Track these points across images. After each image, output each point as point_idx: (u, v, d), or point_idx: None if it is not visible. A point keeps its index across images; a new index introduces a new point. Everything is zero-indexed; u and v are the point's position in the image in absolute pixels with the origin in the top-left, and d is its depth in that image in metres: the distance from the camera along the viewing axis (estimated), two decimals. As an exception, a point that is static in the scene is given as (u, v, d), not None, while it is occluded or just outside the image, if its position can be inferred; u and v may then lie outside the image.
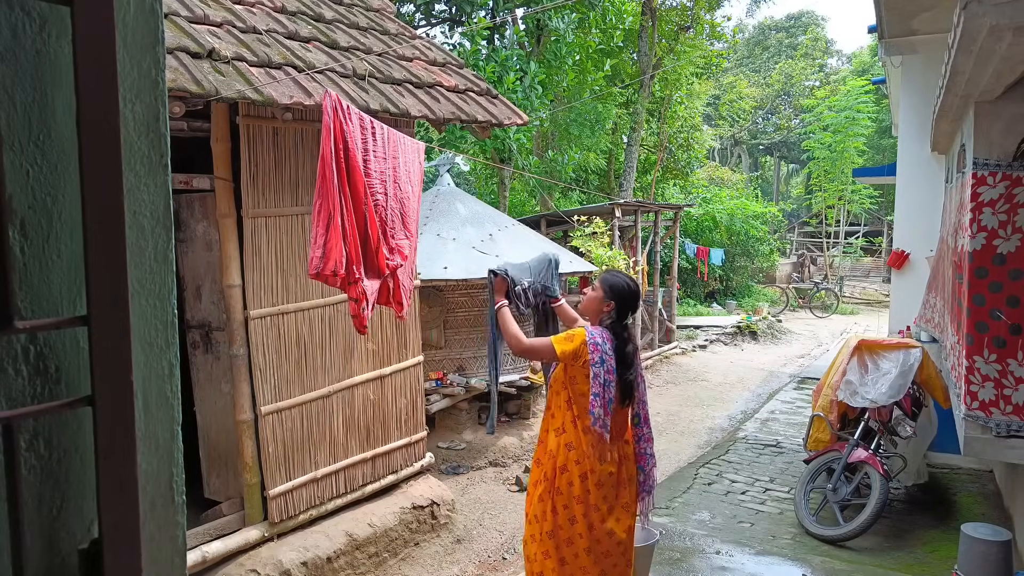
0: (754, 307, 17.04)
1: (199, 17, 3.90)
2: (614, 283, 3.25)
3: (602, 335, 3.15)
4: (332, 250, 3.13)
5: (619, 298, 3.21)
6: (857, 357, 5.25)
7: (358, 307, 3.29)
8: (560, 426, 3.22)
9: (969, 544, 3.55)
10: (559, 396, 3.25)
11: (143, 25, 0.83)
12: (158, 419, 0.87)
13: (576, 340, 3.12)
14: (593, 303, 3.28)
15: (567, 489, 3.16)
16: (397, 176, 3.65)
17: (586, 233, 9.27)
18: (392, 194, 3.59)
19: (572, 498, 3.16)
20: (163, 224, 0.87)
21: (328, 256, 3.13)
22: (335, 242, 3.14)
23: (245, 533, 4.24)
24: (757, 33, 38.92)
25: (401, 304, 3.67)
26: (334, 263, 3.13)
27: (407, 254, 3.63)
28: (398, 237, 3.60)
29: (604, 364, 3.07)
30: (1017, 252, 3.53)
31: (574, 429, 3.17)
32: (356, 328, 3.34)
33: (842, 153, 20.80)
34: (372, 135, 3.48)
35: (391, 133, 3.64)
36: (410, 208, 3.77)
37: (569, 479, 3.15)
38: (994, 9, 2.48)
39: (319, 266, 3.13)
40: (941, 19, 5.78)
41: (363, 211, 3.32)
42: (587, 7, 12.49)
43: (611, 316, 3.23)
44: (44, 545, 0.77)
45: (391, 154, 3.62)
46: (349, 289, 3.26)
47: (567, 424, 3.19)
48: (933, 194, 6.40)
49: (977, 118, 3.66)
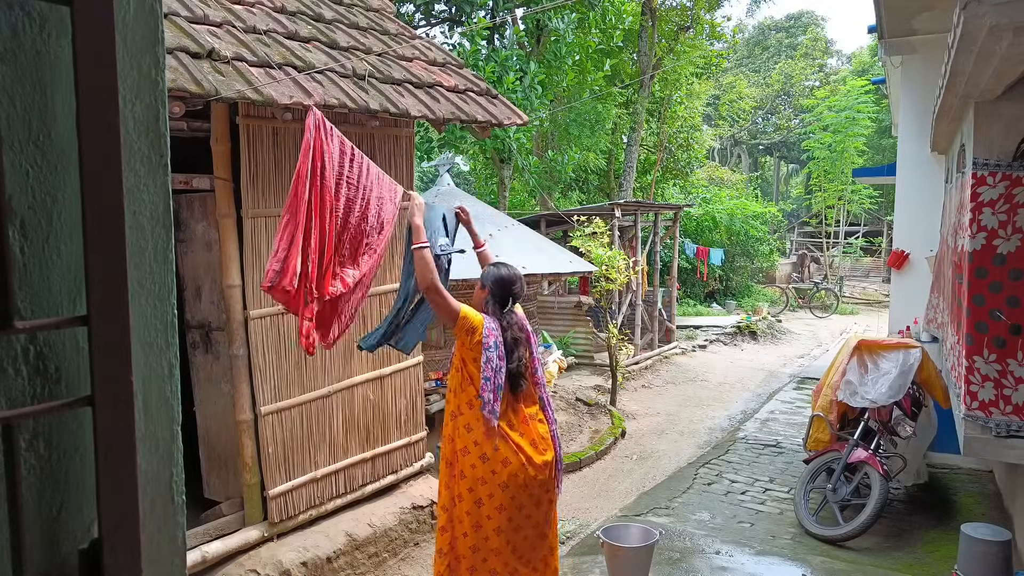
0: (754, 307, 17.05)
1: (199, 17, 3.90)
2: (489, 273, 3.44)
3: (495, 323, 3.30)
4: (290, 267, 3.13)
5: (494, 285, 3.38)
6: (857, 357, 5.25)
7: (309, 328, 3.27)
8: (455, 409, 3.32)
9: (969, 544, 3.55)
10: (453, 379, 3.35)
11: (143, 25, 0.83)
12: (158, 419, 0.87)
13: (477, 320, 3.26)
14: (476, 295, 3.46)
15: (470, 472, 3.23)
16: (367, 209, 3.54)
17: (586, 233, 9.27)
18: (355, 224, 3.51)
19: (475, 480, 3.22)
20: (163, 224, 0.87)
21: (285, 271, 3.13)
22: (293, 260, 3.14)
23: (245, 533, 4.24)
24: (757, 33, 38.93)
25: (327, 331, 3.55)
26: (289, 279, 3.13)
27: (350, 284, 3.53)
28: (346, 266, 3.53)
29: (496, 349, 3.21)
30: (1017, 252, 3.53)
31: (470, 411, 3.26)
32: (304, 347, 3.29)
33: (842, 153, 20.80)
34: (350, 161, 3.44)
35: (370, 165, 3.59)
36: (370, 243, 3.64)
37: (471, 462, 3.23)
38: (994, 9, 2.48)
39: (275, 280, 3.12)
40: (941, 19, 5.78)
41: (324, 231, 3.30)
42: (587, 7, 12.49)
43: (489, 303, 3.37)
44: (44, 545, 0.77)
45: (363, 184, 3.54)
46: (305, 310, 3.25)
47: (463, 407, 3.29)
48: (933, 194, 6.40)
49: (977, 118, 3.65)
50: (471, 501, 3.23)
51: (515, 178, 14.57)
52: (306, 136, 3.18)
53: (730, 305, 17.55)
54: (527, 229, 8.87)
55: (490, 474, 3.20)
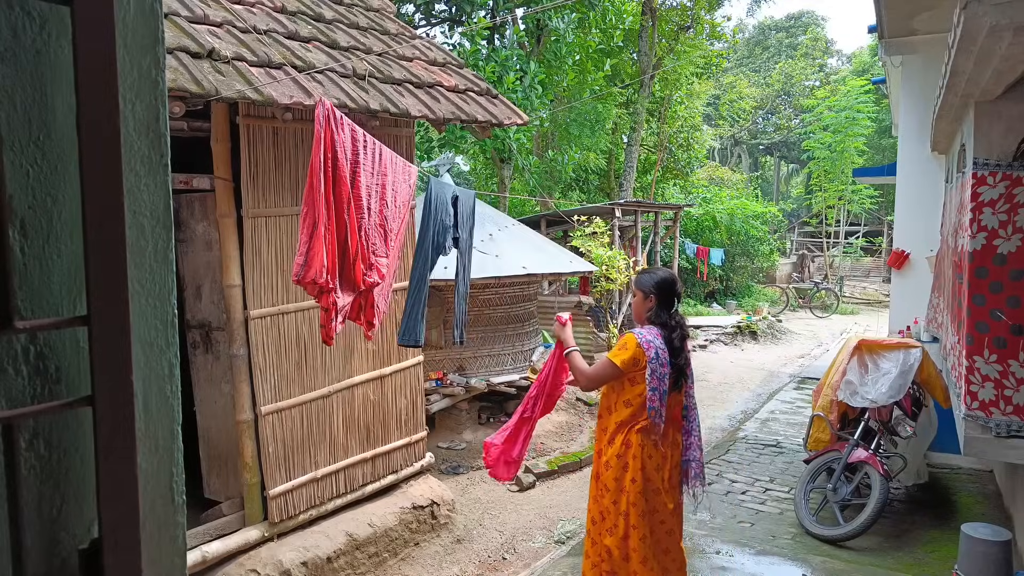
0: (754, 307, 17.04)
1: (199, 17, 3.90)
2: (647, 279, 3.41)
3: (651, 332, 3.29)
4: (315, 258, 3.15)
5: (657, 290, 3.36)
6: (857, 357, 5.24)
7: (327, 317, 3.30)
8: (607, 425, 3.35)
9: (969, 544, 3.55)
10: (609, 398, 3.37)
11: (143, 25, 0.83)
12: (158, 419, 0.87)
13: (630, 346, 3.25)
14: (638, 307, 3.43)
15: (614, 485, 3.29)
16: (384, 194, 3.62)
17: (586, 233, 9.27)
18: (377, 210, 3.56)
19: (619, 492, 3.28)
20: (163, 224, 0.87)
21: (310, 264, 3.14)
22: (317, 251, 3.15)
23: (245, 533, 4.24)
24: (757, 33, 38.93)
25: (371, 323, 3.62)
26: (315, 271, 3.14)
27: (384, 272, 3.59)
28: (378, 254, 3.57)
29: (659, 359, 3.22)
30: (1017, 252, 3.52)
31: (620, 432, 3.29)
32: (322, 338, 3.34)
33: (842, 153, 20.80)
34: (363, 148, 3.46)
35: (383, 150, 3.62)
36: (392, 228, 3.70)
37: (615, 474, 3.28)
38: (994, 9, 2.48)
39: (301, 273, 3.14)
40: (941, 19, 5.78)
41: (344, 221, 3.32)
42: (587, 7, 12.49)
43: (655, 311, 3.36)
44: (44, 545, 0.77)
45: (380, 170, 3.59)
46: (321, 299, 3.27)
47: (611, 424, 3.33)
48: (933, 194, 6.40)
49: (977, 118, 3.65)
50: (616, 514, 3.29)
51: (515, 178, 14.57)
52: (316, 128, 3.18)
53: (730, 305, 17.54)
54: (527, 229, 8.87)
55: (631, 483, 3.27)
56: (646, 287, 3.38)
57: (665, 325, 3.32)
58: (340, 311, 3.34)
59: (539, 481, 6.45)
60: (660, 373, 3.21)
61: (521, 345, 7.98)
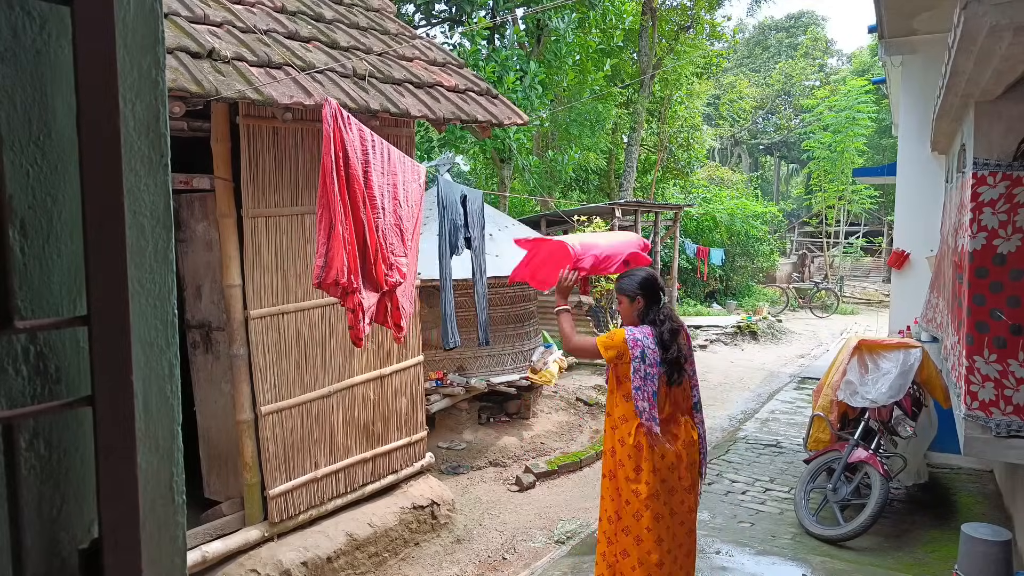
0: (754, 307, 17.04)
1: (199, 17, 3.90)
2: (629, 283, 3.40)
3: (643, 331, 3.28)
4: (334, 259, 3.13)
5: (642, 290, 3.36)
6: (857, 357, 5.24)
7: (355, 318, 3.29)
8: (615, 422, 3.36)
9: (969, 544, 3.55)
10: (612, 395, 3.38)
11: (143, 25, 0.83)
12: (158, 419, 0.87)
13: (616, 339, 3.26)
14: (627, 312, 3.42)
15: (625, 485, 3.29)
16: (396, 193, 3.62)
17: (586, 233, 9.26)
18: (391, 210, 3.56)
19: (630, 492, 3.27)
20: (163, 224, 0.87)
21: (330, 265, 3.13)
22: (336, 251, 3.13)
23: (245, 533, 4.24)
24: (757, 33, 38.93)
25: (400, 326, 3.64)
26: (336, 272, 3.12)
27: (405, 272, 3.59)
28: (397, 254, 3.57)
29: (646, 358, 3.20)
30: (1017, 252, 3.52)
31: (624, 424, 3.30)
32: (352, 340, 3.34)
33: (842, 153, 20.80)
34: (372, 147, 3.45)
35: (391, 149, 3.62)
36: (407, 227, 3.70)
37: (626, 473, 3.28)
38: (994, 9, 2.48)
39: (321, 275, 3.13)
40: (941, 19, 5.78)
41: (361, 220, 3.30)
42: (587, 7, 12.50)
43: (643, 310, 3.36)
44: (44, 545, 0.77)
45: (389, 170, 3.59)
46: (346, 300, 3.26)
47: (617, 420, 3.34)
48: (933, 194, 6.40)
49: (977, 118, 3.65)
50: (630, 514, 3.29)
51: (515, 178, 14.57)
52: (325, 128, 3.17)
53: (730, 305, 17.54)
54: (527, 229, 8.87)
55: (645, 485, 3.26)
56: (630, 291, 3.38)
57: (654, 322, 3.33)
58: (367, 312, 3.33)
59: (539, 481, 6.45)
60: (645, 373, 3.19)
61: (521, 345, 7.98)
